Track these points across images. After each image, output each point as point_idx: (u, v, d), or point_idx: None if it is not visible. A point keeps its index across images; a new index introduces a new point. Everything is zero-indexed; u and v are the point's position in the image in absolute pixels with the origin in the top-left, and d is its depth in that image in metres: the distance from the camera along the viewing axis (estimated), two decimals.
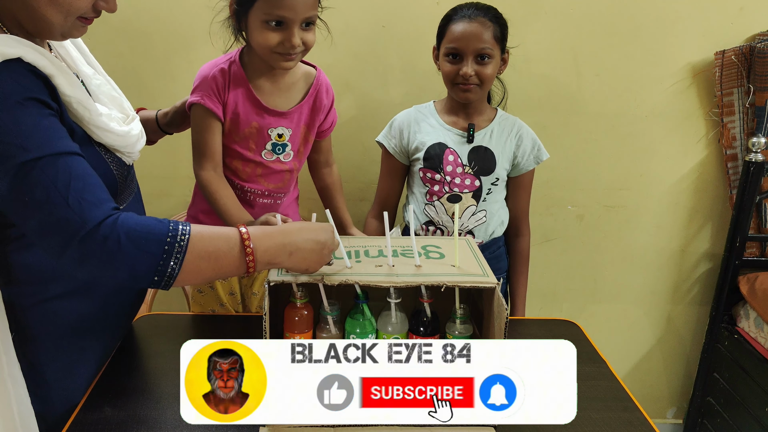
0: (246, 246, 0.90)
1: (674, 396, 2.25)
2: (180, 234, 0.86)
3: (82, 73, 1.04)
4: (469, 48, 1.39)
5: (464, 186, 1.49)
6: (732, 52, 1.80)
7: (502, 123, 1.52)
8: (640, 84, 1.87)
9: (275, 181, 1.37)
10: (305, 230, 0.97)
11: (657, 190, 1.98)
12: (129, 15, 1.73)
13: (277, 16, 1.16)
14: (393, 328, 1.05)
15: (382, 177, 1.62)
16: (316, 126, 1.37)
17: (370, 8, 1.77)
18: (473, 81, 1.41)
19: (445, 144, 1.49)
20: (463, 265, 1.04)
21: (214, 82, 1.24)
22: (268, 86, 1.29)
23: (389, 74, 1.84)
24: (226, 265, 0.90)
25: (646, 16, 1.80)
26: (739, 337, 1.91)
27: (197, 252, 0.87)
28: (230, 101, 1.26)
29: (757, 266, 1.95)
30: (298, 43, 1.19)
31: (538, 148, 1.53)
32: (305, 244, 0.95)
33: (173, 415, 0.99)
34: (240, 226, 0.92)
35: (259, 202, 1.38)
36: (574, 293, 2.10)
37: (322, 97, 1.34)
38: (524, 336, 1.31)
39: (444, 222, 1.51)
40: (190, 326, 1.32)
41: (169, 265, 0.85)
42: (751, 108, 1.83)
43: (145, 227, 0.85)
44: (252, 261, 0.91)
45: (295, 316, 1.03)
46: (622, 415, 1.05)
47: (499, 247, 1.59)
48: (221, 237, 0.90)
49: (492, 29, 1.39)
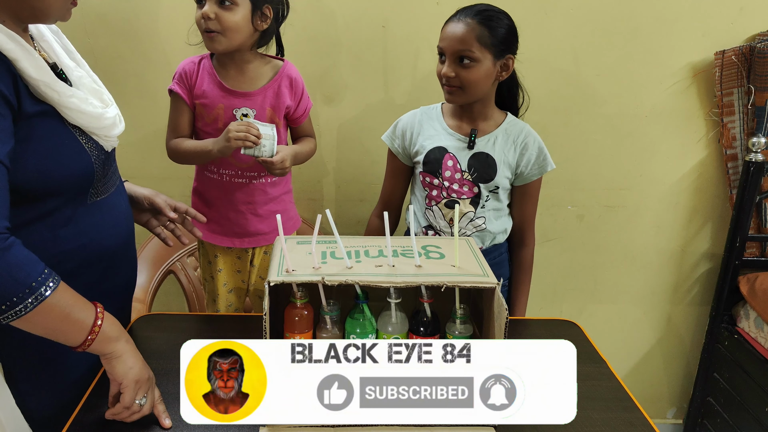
0: (95, 326, 0.93)
1: (674, 396, 2.25)
2: (44, 286, 0.87)
3: (63, 65, 1.06)
4: (449, 49, 1.36)
5: (462, 192, 1.46)
6: (732, 52, 1.80)
7: (508, 130, 1.47)
8: (640, 84, 1.87)
9: (245, 159, 1.45)
10: (135, 359, 0.98)
11: (657, 190, 1.98)
12: (129, 16, 1.73)
13: None
14: (393, 328, 1.05)
15: (387, 176, 1.60)
16: (282, 110, 1.46)
17: (370, 8, 1.77)
18: (454, 83, 1.37)
19: (445, 149, 1.46)
20: (463, 265, 1.04)
21: (184, 73, 1.44)
22: (233, 74, 1.44)
23: (389, 74, 1.84)
24: (67, 331, 0.92)
25: (646, 16, 1.80)
26: (739, 337, 1.91)
27: (51, 308, 0.88)
28: (197, 87, 1.43)
29: (757, 266, 1.95)
30: (206, 12, 1.31)
31: (544, 158, 1.48)
32: (128, 370, 0.96)
33: (173, 415, 0.99)
34: (97, 306, 0.95)
35: (236, 182, 1.48)
36: (574, 293, 2.10)
37: (285, 83, 1.46)
38: (524, 336, 1.31)
39: (441, 227, 1.50)
40: (190, 326, 1.32)
41: (24, 303, 0.85)
42: (751, 108, 1.83)
43: (24, 260, 0.86)
44: (88, 343, 0.93)
45: (295, 316, 1.03)
46: (622, 415, 1.05)
47: (501, 253, 1.56)
48: (78, 306, 0.92)
49: (478, 33, 1.34)
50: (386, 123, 1.58)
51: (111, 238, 1.12)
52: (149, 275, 1.78)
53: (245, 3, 1.33)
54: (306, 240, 1.10)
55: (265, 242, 1.55)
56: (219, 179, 1.48)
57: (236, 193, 1.49)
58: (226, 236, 1.53)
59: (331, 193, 1.96)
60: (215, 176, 1.49)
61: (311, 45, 1.79)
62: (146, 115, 1.80)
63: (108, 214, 1.11)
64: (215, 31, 1.33)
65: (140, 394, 0.97)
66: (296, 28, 1.77)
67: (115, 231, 1.13)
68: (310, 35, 1.78)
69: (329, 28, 1.78)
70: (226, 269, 1.58)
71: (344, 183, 1.95)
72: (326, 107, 1.86)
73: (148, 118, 1.80)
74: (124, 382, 0.95)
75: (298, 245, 1.09)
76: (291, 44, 1.79)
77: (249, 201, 1.50)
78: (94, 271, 1.10)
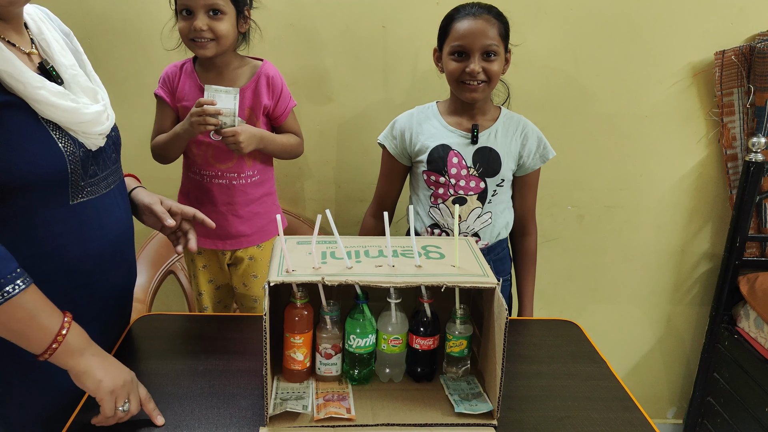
0: (59, 334, 0.90)
1: (674, 396, 2.25)
2: (13, 284, 0.85)
3: (56, 62, 1.04)
4: (476, 45, 1.37)
5: (469, 188, 1.47)
6: (732, 52, 1.80)
7: (506, 122, 1.50)
8: (640, 84, 1.87)
9: (225, 161, 1.49)
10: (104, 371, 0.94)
11: (657, 190, 1.98)
12: (131, 18, 1.73)
13: (183, 5, 1.37)
14: (393, 328, 1.05)
15: (382, 177, 1.61)
16: (260, 109, 1.48)
17: (370, 8, 1.77)
18: (481, 78, 1.39)
19: (448, 146, 1.47)
20: (463, 265, 1.04)
21: (167, 77, 1.50)
22: (213, 76, 1.48)
23: (389, 74, 1.84)
24: (30, 336, 0.89)
25: (646, 16, 1.80)
26: (739, 337, 1.91)
27: (16, 309, 0.86)
28: (180, 90, 1.49)
29: (757, 266, 1.95)
30: (200, 26, 1.36)
31: (544, 146, 1.51)
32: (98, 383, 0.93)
33: (173, 415, 0.99)
34: (66, 315, 0.93)
35: (216, 183, 1.51)
36: (574, 293, 2.10)
37: (263, 82, 1.48)
38: (524, 336, 1.31)
39: (449, 224, 1.50)
40: (190, 326, 1.32)
41: None
42: (751, 108, 1.83)
43: None
44: (51, 352, 0.90)
45: (295, 316, 1.03)
46: (622, 415, 1.04)
47: (504, 248, 1.58)
48: (45, 311, 0.90)
49: (497, 26, 1.39)
50: (386, 123, 1.58)
51: (97, 240, 1.07)
52: (149, 275, 1.78)
53: (231, 10, 1.38)
54: (306, 240, 1.10)
55: (247, 244, 1.56)
56: (200, 180, 1.51)
57: (217, 194, 1.51)
58: (208, 238, 1.53)
59: (331, 193, 1.96)
60: (197, 177, 1.52)
61: (311, 45, 1.79)
62: (146, 115, 1.79)
63: (96, 217, 1.07)
64: (207, 39, 1.38)
65: (120, 401, 0.94)
66: (296, 28, 1.77)
67: (103, 233, 1.08)
68: (310, 35, 1.78)
69: (329, 28, 1.78)
70: (210, 266, 1.60)
71: (344, 183, 1.95)
72: (326, 107, 1.86)
73: (148, 118, 1.79)
74: (98, 395, 0.93)
75: (298, 245, 1.09)
76: (291, 44, 1.79)
77: (229, 202, 1.52)
78: (78, 274, 1.06)
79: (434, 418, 1.00)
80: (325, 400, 1.02)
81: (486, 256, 1.51)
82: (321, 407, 1.00)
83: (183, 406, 1.02)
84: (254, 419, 0.99)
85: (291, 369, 1.06)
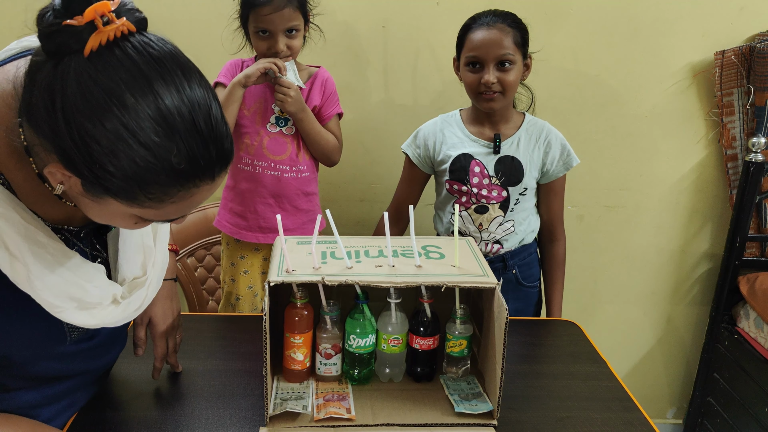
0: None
1: (674, 396, 2.25)
2: None
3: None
4: (489, 55, 1.36)
5: (491, 197, 1.47)
6: (732, 52, 1.80)
7: (529, 130, 1.48)
8: (640, 84, 1.87)
9: (279, 152, 1.53)
10: None
11: (657, 190, 1.98)
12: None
13: (262, 28, 1.43)
14: (393, 328, 1.05)
15: (402, 183, 1.61)
16: (311, 108, 1.53)
17: (370, 8, 1.77)
18: (496, 88, 1.38)
19: (470, 155, 1.46)
20: (463, 265, 1.04)
21: (232, 67, 1.55)
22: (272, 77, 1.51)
23: (389, 74, 1.84)
24: None
25: (646, 16, 1.80)
26: (739, 337, 1.91)
27: None
28: None
29: (757, 266, 1.94)
30: (281, 48, 1.44)
31: (568, 154, 1.49)
32: None
33: (173, 415, 0.99)
34: None
35: (267, 174, 1.53)
36: (574, 293, 2.10)
37: (317, 85, 1.56)
38: (524, 336, 1.31)
39: (471, 232, 1.50)
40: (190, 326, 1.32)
41: None
42: (751, 108, 1.83)
43: None
44: None
45: (295, 316, 1.03)
46: (622, 415, 1.05)
47: (531, 253, 1.57)
48: None
49: (512, 35, 1.37)
50: (386, 123, 1.58)
51: None
52: None
53: (301, 22, 1.46)
54: (306, 240, 1.10)
55: None
56: (251, 171, 1.53)
57: (267, 185, 1.53)
58: (251, 231, 1.55)
59: (331, 193, 1.96)
60: (249, 168, 1.53)
61: (311, 45, 1.79)
62: None
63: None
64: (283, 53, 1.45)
65: None
66: None
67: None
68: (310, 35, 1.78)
69: (329, 28, 1.78)
70: (252, 272, 1.60)
71: (344, 183, 1.95)
72: None
73: None
74: None
75: (298, 245, 1.09)
76: None
77: (278, 194, 1.53)
78: None
79: (434, 418, 1.00)
80: (325, 400, 1.02)
81: (510, 261, 1.52)
82: (321, 407, 1.00)
83: (183, 406, 1.02)
84: (254, 419, 0.99)
85: (291, 369, 1.06)
